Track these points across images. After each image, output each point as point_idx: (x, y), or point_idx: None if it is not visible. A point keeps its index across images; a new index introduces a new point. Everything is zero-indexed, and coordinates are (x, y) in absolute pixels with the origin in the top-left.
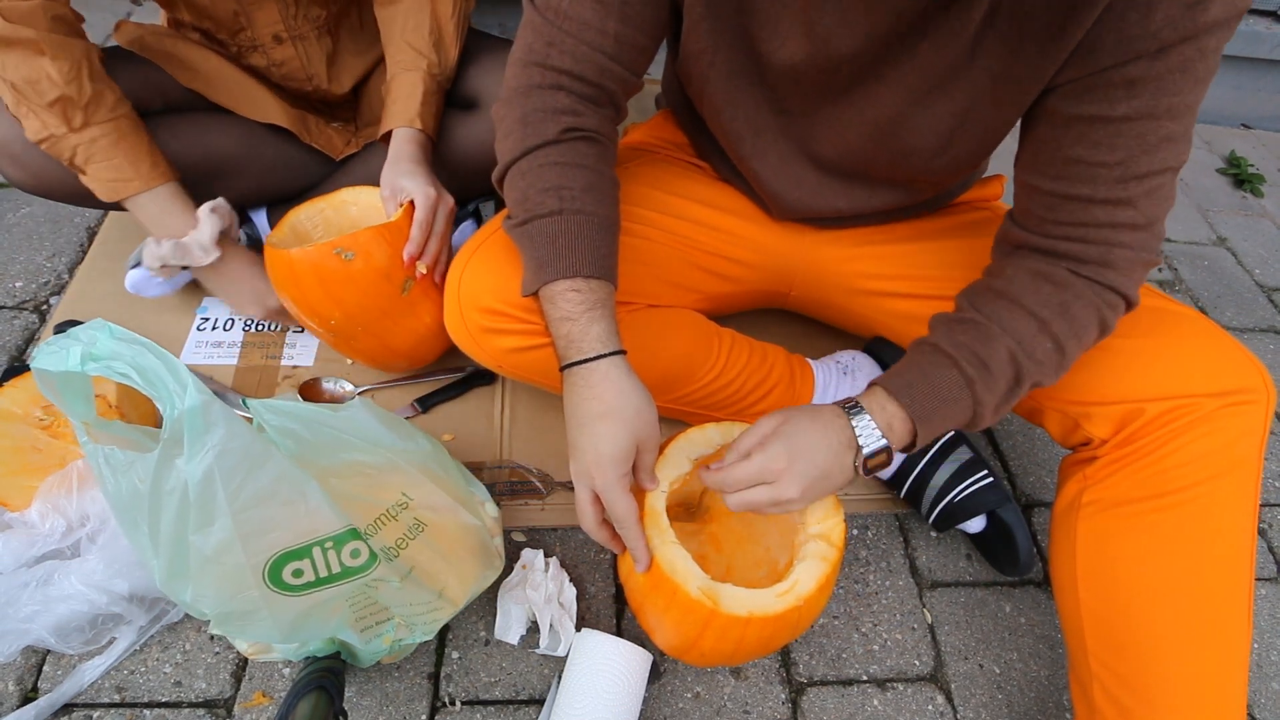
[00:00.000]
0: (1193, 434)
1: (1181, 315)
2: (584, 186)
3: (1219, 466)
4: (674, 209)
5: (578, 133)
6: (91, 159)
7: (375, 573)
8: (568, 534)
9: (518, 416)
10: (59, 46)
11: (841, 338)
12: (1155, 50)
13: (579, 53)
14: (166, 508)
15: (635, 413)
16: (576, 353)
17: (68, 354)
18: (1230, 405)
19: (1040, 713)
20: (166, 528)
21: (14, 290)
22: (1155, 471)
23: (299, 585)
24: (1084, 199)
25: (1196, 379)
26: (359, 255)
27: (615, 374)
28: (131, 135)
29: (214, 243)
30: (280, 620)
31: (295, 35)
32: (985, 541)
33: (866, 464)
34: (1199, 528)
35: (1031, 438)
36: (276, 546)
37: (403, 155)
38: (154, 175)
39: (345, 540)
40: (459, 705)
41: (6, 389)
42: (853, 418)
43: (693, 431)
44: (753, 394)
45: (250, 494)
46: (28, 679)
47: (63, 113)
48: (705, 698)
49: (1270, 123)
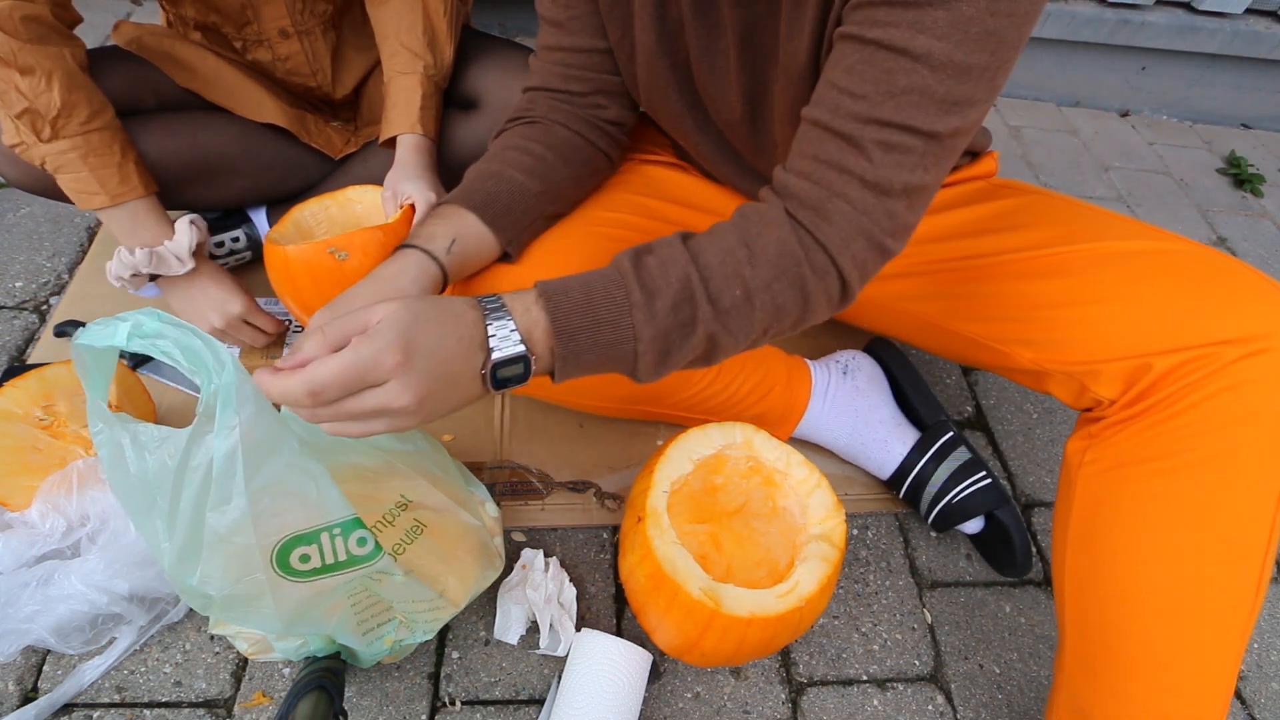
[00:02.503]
0: (1208, 388)
1: (1195, 253)
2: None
3: (1241, 433)
4: (656, 212)
5: (516, 121)
6: (60, 169)
7: (380, 564)
8: (568, 534)
9: (518, 416)
10: (28, 55)
11: (840, 337)
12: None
13: (559, 72)
14: (189, 484)
15: None
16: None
17: (115, 330)
18: (1252, 354)
19: (1040, 713)
20: (185, 505)
21: (14, 290)
22: (1162, 431)
23: (305, 571)
24: (822, 126)
25: (1211, 325)
26: (354, 255)
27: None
28: (102, 150)
29: (190, 254)
30: (283, 607)
31: (301, 30)
32: (984, 542)
33: (496, 373)
34: (1207, 495)
35: (1031, 438)
36: (287, 529)
37: (407, 162)
38: (122, 191)
39: (352, 528)
40: (459, 705)
41: (6, 389)
42: (489, 315)
43: (693, 431)
44: (750, 396)
45: (267, 476)
46: (28, 679)
47: (30, 124)
48: (705, 698)
49: (1270, 122)
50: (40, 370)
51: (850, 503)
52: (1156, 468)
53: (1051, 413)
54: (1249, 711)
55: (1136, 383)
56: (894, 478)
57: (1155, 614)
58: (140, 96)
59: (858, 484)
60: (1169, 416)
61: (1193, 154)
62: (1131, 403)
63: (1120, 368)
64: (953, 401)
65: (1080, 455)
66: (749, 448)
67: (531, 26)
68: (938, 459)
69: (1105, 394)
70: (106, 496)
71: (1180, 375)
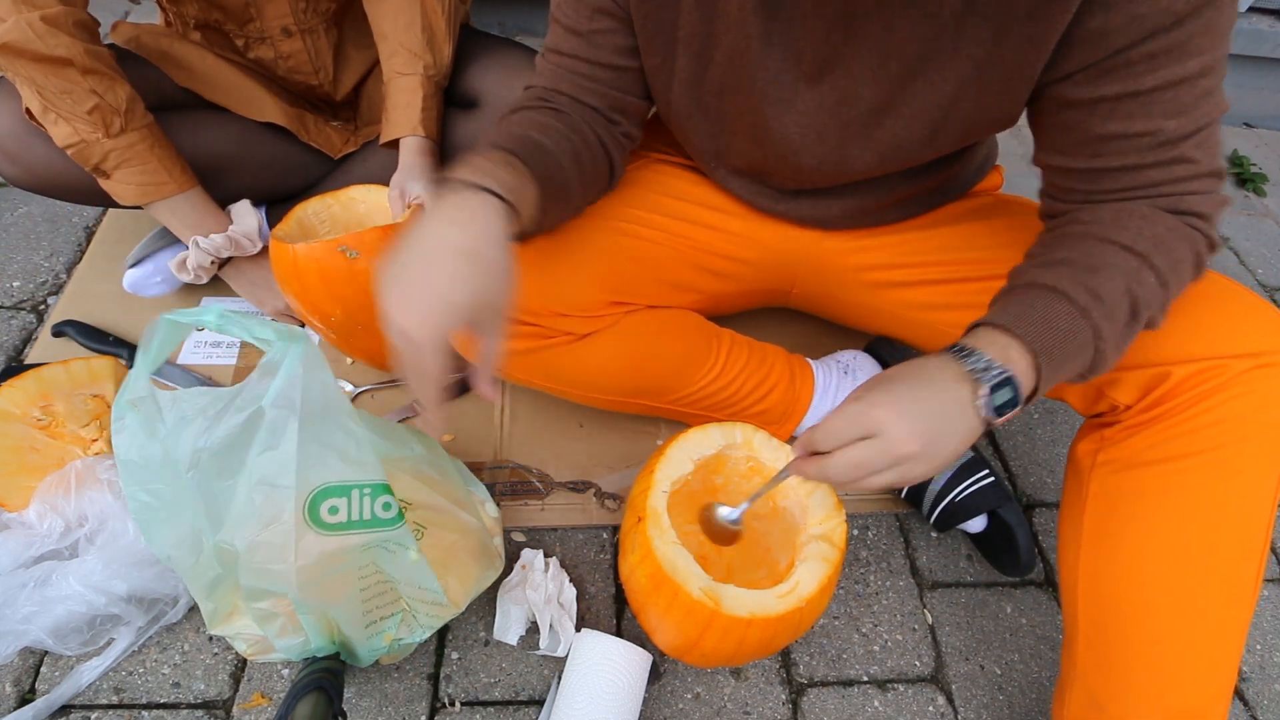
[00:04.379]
0: (1221, 396)
1: (1206, 276)
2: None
3: (1247, 430)
4: (670, 210)
5: (543, 103)
6: (125, 163)
7: (398, 533)
8: (568, 534)
9: (518, 416)
10: (88, 57)
11: (842, 337)
12: (1171, 23)
13: (572, 80)
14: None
15: (499, 268)
16: (465, 174)
17: (205, 312)
18: (1261, 366)
19: (1041, 714)
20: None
21: (11, 290)
22: (1178, 434)
23: (331, 524)
24: (1130, 168)
25: (1224, 340)
26: (363, 254)
27: (497, 219)
28: (164, 139)
29: (259, 234)
30: (302, 563)
31: (304, 28)
32: (986, 541)
33: (993, 401)
34: (1216, 494)
35: (1032, 438)
36: (323, 479)
37: (413, 164)
38: (185, 178)
39: (381, 492)
40: (458, 706)
41: (5, 389)
42: (959, 357)
43: (694, 432)
44: (752, 394)
45: (316, 429)
46: (25, 680)
47: (101, 120)
48: (705, 698)
49: (1273, 121)
50: (38, 370)
51: (851, 503)
52: (1171, 468)
53: (1052, 413)
54: (1252, 713)
55: (1154, 389)
56: None
57: (1166, 608)
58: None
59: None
60: (1184, 420)
61: None
62: (1148, 408)
63: (1139, 375)
64: None
65: (1093, 457)
66: (749, 448)
67: (532, 26)
68: None
69: (1122, 399)
70: (104, 497)
71: (1195, 383)
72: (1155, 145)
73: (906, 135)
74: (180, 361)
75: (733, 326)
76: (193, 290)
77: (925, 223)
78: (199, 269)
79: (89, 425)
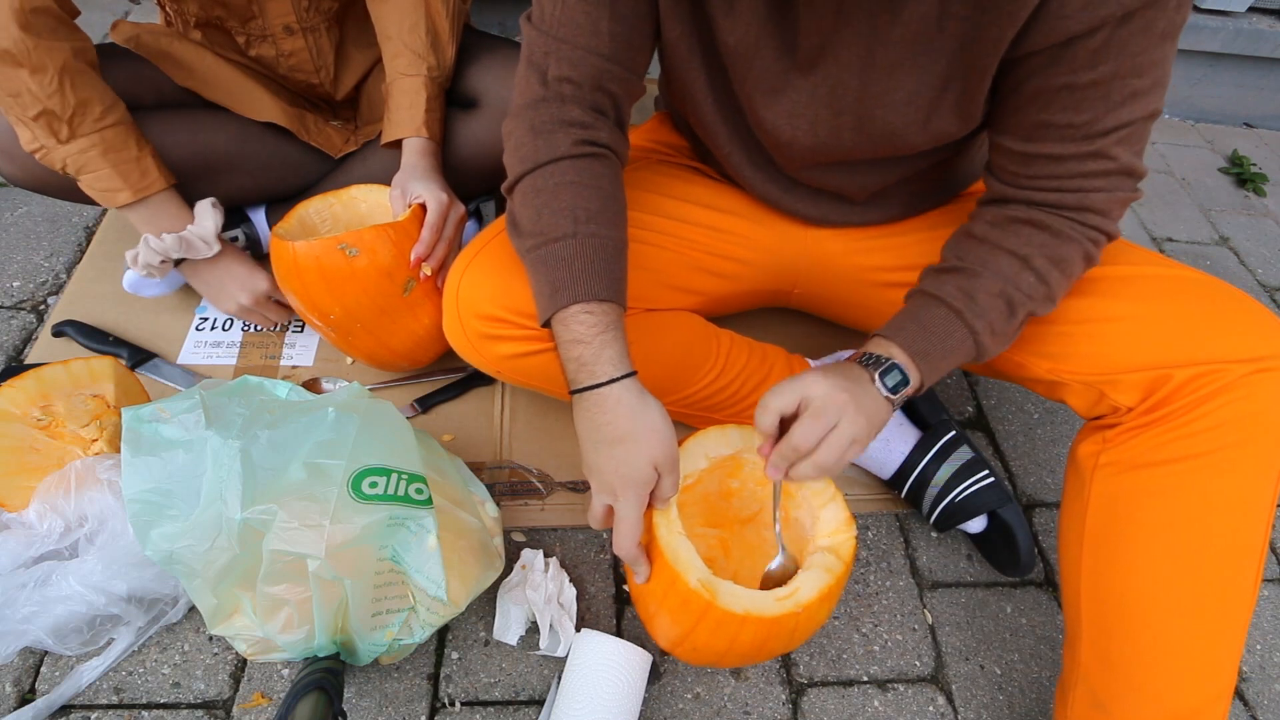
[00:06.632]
0: (1222, 399)
1: (1206, 282)
2: (598, 209)
3: (1247, 433)
4: (673, 211)
5: (590, 147)
6: (82, 169)
7: (426, 517)
8: (568, 534)
9: (517, 417)
10: (40, 54)
11: (842, 337)
12: (1120, 16)
13: (575, 57)
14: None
15: (651, 433)
16: (589, 376)
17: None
18: (1260, 371)
19: (1041, 714)
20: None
21: (11, 290)
22: (1179, 435)
23: (370, 495)
24: (1054, 156)
25: (1224, 344)
26: (363, 252)
27: (629, 398)
28: (120, 146)
29: (215, 237)
30: (337, 525)
31: (306, 27)
32: (986, 541)
33: (886, 382)
34: (1216, 495)
35: (1032, 438)
36: (370, 460)
37: (415, 165)
38: (144, 185)
39: (415, 480)
40: (458, 706)
41: (4, 389)
42: (856, 359)
43: (713, 430)
44: (752, 395)
45: (372, 429)
46: (25, 680)
47: (48, 126)
48: (705, 698)
49: (1273, 121)
50: (38, 370)
51: (851, 503)
52: (1172, 470)
53: (1052, 413)
54: (1252, 713)
55: (1155, 391)
56: (896, 477)
57: (1168, 608)
58: (139, 95)
59: (858, 484)
60: (1185, 422)
61: (1195, 153)
62: (1150, 410)
63: (1141, 378)
64: (953, 401)
65: (1094, 458)
66: None
67: None
68: (940, 458)
69: (1124, 402)
70: (104, 497)
71: (1196, 386)
72: (1078, 138)
73: (898, 120)
74: (180, 361)
75: (733, 326)
76: (192, 290)
77: (926, 224)
78: (149, 267)
79: (89, 425)
